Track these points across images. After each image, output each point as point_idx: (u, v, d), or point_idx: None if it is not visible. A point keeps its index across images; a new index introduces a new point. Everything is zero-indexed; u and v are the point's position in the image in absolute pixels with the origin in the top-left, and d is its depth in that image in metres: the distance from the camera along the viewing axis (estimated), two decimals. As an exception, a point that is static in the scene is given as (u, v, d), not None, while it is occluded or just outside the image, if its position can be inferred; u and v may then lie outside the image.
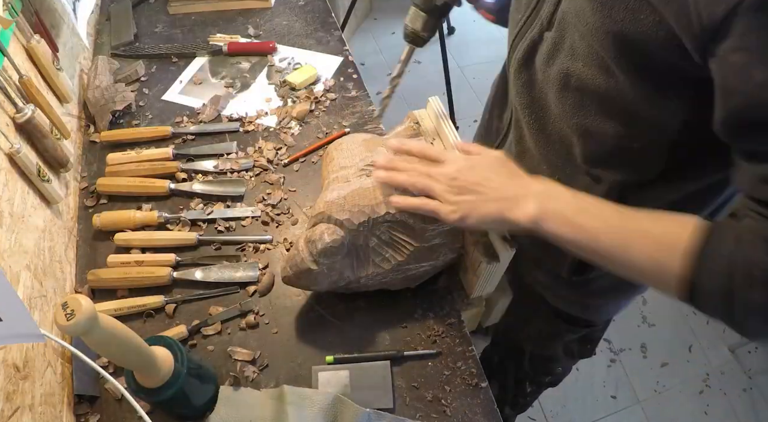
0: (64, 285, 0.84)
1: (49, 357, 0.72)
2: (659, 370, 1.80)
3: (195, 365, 0.69)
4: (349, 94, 1.12)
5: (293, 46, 1.23)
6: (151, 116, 1.09)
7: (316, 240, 0.71)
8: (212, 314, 0.82)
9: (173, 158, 0.99)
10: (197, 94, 1.14)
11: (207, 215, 0.92)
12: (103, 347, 0.54)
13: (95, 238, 0.92)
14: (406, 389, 0.76)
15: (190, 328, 0.80)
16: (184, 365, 0.64)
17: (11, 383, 0.62)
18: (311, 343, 0.80)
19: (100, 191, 0.95)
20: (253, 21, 1.29)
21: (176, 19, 1.30)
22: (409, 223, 0.74)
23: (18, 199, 0.75)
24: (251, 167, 1.00)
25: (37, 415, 0.65)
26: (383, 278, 0.77)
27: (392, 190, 0.73)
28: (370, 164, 0.81)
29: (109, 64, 1.11)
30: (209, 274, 0.86)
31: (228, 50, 1.20)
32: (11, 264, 0.68)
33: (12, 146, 0.74)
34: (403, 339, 0.80)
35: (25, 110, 0.79)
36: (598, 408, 1.72)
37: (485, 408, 0.74)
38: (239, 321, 0.82)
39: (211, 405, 0.73)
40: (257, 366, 0.77)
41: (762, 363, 1.82)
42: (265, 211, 0.94)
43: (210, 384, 0.73)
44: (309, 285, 0.75)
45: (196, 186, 0.96)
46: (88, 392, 0.75)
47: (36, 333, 0.47)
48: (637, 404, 1.74)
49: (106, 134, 1.03)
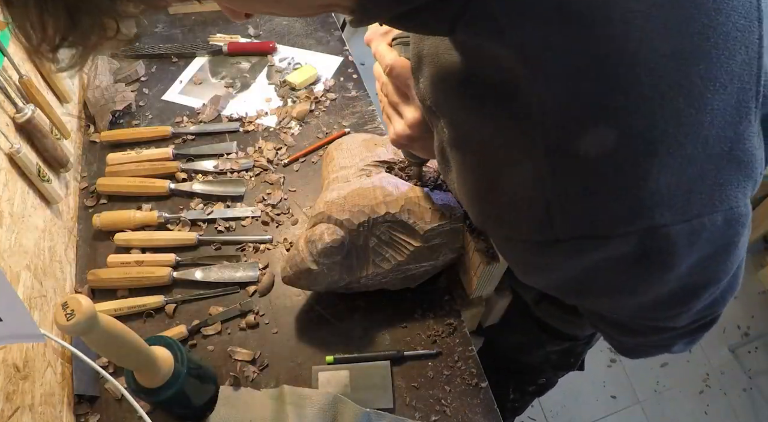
0: (64, 285, 0.84)
1: (49, 357, 0.72)
2: (659, 370, 1.80)
3: (195, 365, 0.69)
4: (349, 94, 1.12)
5: (293, 46, 1.23)
6: (151, 116, 1.09)
7: (316, 240, 0.71)
8: (212, 314, 0.82)
9: (173, 158, 0.99)
10: (197, 94, 1.14)
11: (207, 215, 0.92)
12: (103, 347, 0.54)
13: (95, 238, 0.92)
14: (406, 389, 0.76)
15: (190, 328, 0.80)
16: (184, 365, 0.64)
17: (11, 383, 0.62)
18: (311, 343, 0.80)
19: (100, 191, 0.95)
20: (253, 21, 1.29)
21: (176, 19, 1.30)
22: (408, 222, 0.74)
23: (18, 199, 0.75)
24: (251, 167, 1.00)
25: (37, 415, 0.65)
26: (383, 278, 0.77)
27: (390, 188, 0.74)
28: (371, 163, 0.81)
29: (109, 64, 1.11)
30: (209, 274, 0.86)
31: (228, 50, 1.20)
32: (11, 264, 0.68)
33: (12, 146, 0.74)
34: (403, 339, 0.80)
35: (25, 110, 0.79)
36: (598, 408, 1.72)
37: (485, 408, 0.74)
38: (239, 321, 0.82)
39: (211, 405, 0.73)
40: (257, 366, 0.77)
41: (762, 363, 1.82)
42: (265, 211, 0.94)
43: (210, 384, 0.73)
44: (309, 285, 0.75)
45: (196, 186, 0.96)
46: (88, 392, 0.75)
47: (36, 333, 0.47)
48: (637, 404, 1.74)
49: (106, 134, 1.03)
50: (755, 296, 1.97)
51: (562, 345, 0.96)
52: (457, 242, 0.79)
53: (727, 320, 1.92)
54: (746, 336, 1.88)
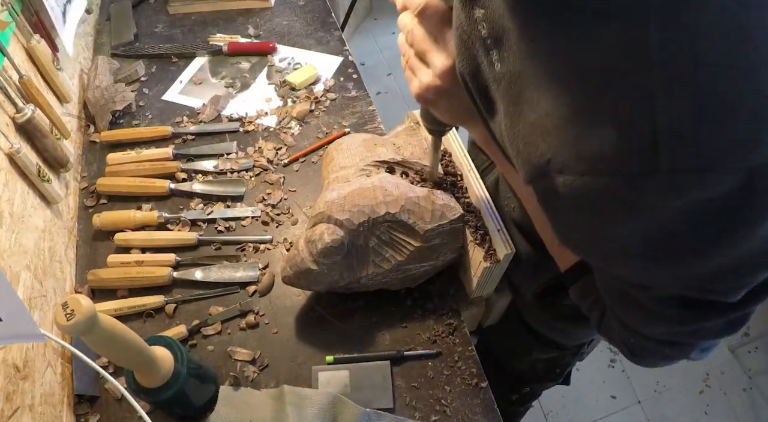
0: (64, 285, 0.84)
1: (49, 357, 0.72)
2: (659, 370, 1.80)
3: (195, 365, 0.69)
4: (349, 94, 1.12)
5: (293, 46, 1.23)
6: (151, 116, 1.09)
7: (316, 240, 0.71)
8: (212, 314, 0.82)
9: (173, 158, 0.99)
10: (197, 94, 1.14)
11: (207, 215, 0.92)
12: (102, 347, 0.54)
13: (95, 238, 0.92)
14: (406, 389, 0.76)
15: (190, 328, 0.80)
16: (184, 365, 0.64)
17: (11, 383, 0.62)
18: (311, 343, 0.80)
19: (100, 191, 0.95)
20: (253, 21, 1.29)
21: (176, 19, 1.30)
22: (408, 222, 0.74)
23: (18, 199, 0.75)
24: (251, 167, 1.00)
25: (37, 415, 0.65)
26: (383, 278, 0.77)
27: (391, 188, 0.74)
28: (371, 163, 0.81)
29: (109, 64, 1.11)
30: (209, 274, 0.86)
31: (228, 50, 1.20)
32: (11, 264, 0.68)
33: (12, 146, 0.74)
34: (403, 339, 0.80)
35: (25, 110, 0.79)
36: (598, 408, 1.72)
37: (485, 408, 0.74)
38: (239, 321, 0.82)
39: (212, 404, 0.73)
40: (257, 366, 0.77)
41: (762, 363, 1.82)
42: (265, 211, 0.94)
43: (210, 384, 0.73)
44: (309, 285, 0.75)
45: (196, 186, 0.96)
46: (88, 392, 0.75)
47: (36, 332, 0.47)
48: (637, 404, 1.74)
49: (106, 134, 1.03)
50: (755, 296, 1.97)
51: (549, 354, 0.96)
52: (457, 242, 0.79)
53: (727, 320, 1.91)
54: (746, 336, 1.88)
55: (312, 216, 0.75)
